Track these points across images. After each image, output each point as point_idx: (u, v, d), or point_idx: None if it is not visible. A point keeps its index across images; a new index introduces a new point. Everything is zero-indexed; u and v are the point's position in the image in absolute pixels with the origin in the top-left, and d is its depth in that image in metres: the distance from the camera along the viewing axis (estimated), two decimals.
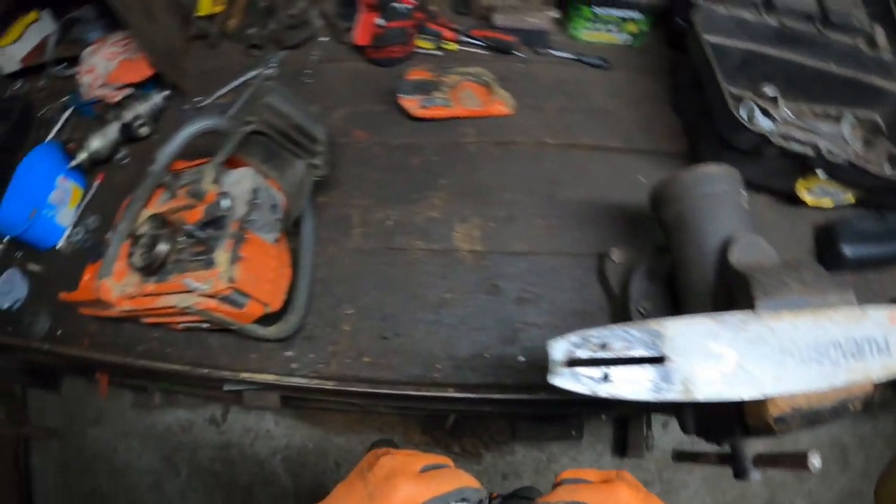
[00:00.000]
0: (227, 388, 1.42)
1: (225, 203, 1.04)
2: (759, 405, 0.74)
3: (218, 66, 1.63)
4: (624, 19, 1.54)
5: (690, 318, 0.70)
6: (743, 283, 0.82)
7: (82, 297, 1.23)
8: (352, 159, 1.39)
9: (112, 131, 1.52)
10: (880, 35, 1.53)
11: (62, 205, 1.45)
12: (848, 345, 0.71)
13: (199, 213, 1.06)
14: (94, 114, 1.66)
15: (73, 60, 1.77)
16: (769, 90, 1.44)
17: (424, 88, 1.41)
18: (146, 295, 1.08)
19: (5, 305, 1.37)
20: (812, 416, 0.76)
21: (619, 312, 1.20)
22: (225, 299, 1.03)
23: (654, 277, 1.15)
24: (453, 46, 1.55)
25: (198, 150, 1.14)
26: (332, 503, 0.64)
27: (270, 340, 1.16)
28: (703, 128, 1.37)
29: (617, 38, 1.59)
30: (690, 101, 1.45)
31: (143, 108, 1.55)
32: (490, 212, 1.33)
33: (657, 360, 0.67)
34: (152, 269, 1.06)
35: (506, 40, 1.52)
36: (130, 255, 1.08)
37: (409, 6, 1.49)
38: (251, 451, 2.17)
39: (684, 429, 1.01)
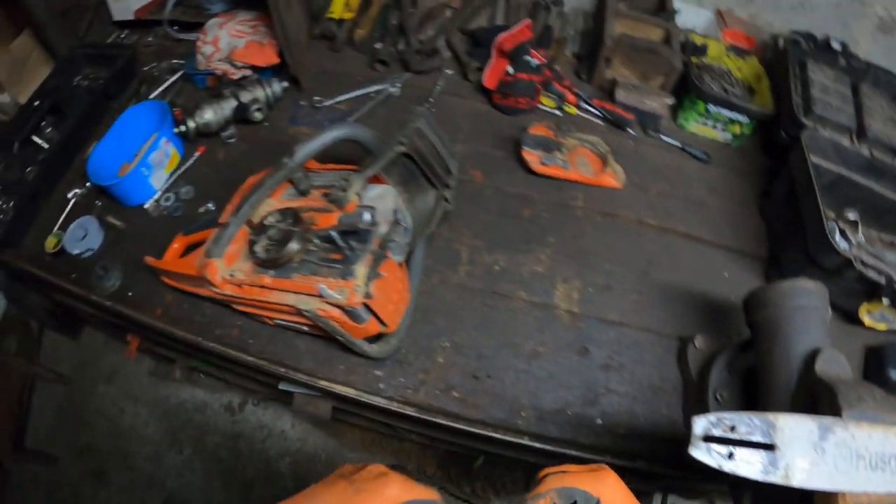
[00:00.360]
0: (282, 386, 1.43)
1: (367, 217, 1.03)
2: (831, 497, 0.81)
3: (339, 71, 1.66)
4: (732, 120, 1.63)
5: (798, 416, 0.78)
6: (829, 392, 0.90)
7: (172, 268, 1.23)
8: (467, 197, 1.43)
9: (227, 107, 1.52)
10: None
11: (159, 167, 1.45)
12: None
13: (333, 220, 1.06)
14: (206, 85, 1.67)
15: (187, 25, 1.79)
16: (851, 214, 1.52)
17: (546, 146, 1.46)
18: (260, 286, 1.08)
19: (75, 251, 1.35)
20: None
21: (694, 396, 1.26)
22: (351, 312, 1.03)
23: (732, 369, 1.21)
24: (573, 110, 1.62)
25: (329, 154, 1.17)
26: (312, 497, 0.67)
27: (371, 358, 1.17)
28: (790, 239, 1.45)
29: (720, 135, 1.68)
30: (780, 210, 1.54)
31: (261, 93, 1.56)
32: (590, 277, 1.38)
33: (769, 447, 0.76)
34: (276, 263, 1.05)
35: (624, 116, 1.59)
36: (252, 243, 1.08)
37: (540, 63, 1.54)
38: (261, 446, 2.14)
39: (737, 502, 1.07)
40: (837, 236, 1.51)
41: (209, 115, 1.50)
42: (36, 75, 1.75)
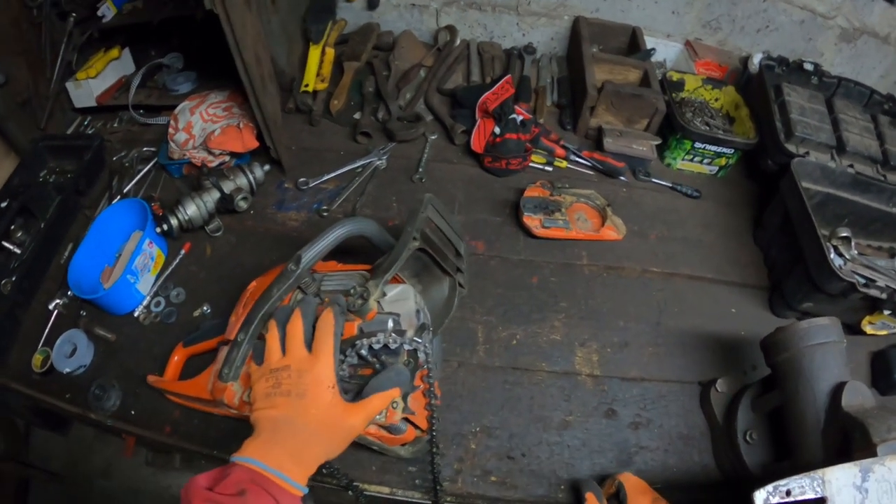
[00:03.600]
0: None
1: (390, 325, 0.98)
2: None
3: (320, 146, 1.65)
4: (718, 154, 1.66)
5: (842, 466, 0.86)
6: (860, 427, 0.97)
7: (180, 390, 1.20)
8: (473, 271, 1.43)
9: (209, 200, 1.49)
10: None
11: (145, 271, 1.41)
12: None
13: (353, 329, 1.01)
14: (182, 174, 1.63)
15: (153, 108, 1.75)
16: (843, 231, 1.57)
17: (546, 207, 1.48)
18: None
19: (66, 369, 1.29)
20: None
21: (724, 439, 1.29)
22: (389, 428, 1.01)
23: (757, 409, 1.25)
24: (563, 164, 1.64)
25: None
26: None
27: (406, 459, 1.16)
28: (790, 266, 1.49)
29: (706, 169, 1.73)
30: (776, 239, 1.58)
31: (244, 180, 1.52)
32: (606, 337, 1.40)
33: (821, 501, 0.84)
34: None
35: (615, 165, 1.61)
36: None
37: (526, 119, 1.55)
38: None
39: None
40: (832, 255, 1.55)
41: (192, 209, 1.46)
42: None
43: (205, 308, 1.40)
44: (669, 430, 1.31)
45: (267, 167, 1.57)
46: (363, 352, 0.96)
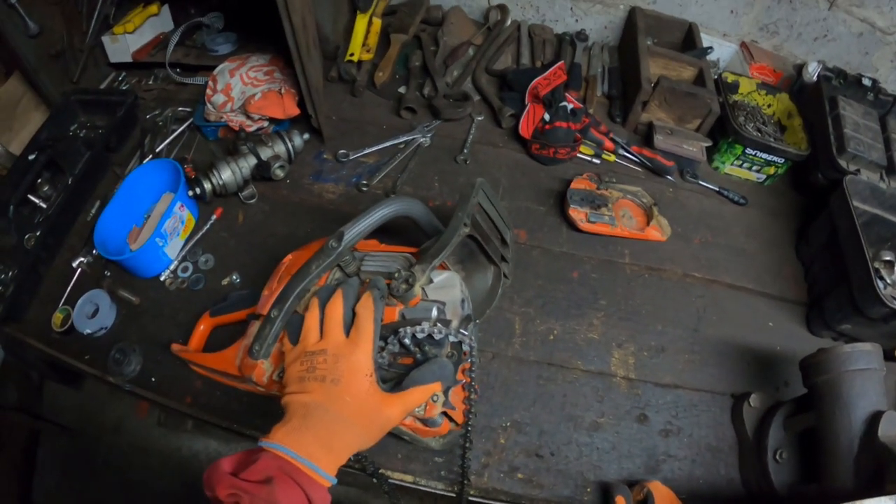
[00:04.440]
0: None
1: (434, 313, 0.93)
2: None
3: (362, 119, 1.61)
4: (768, 162, 1.62)
5: (879, 499, 0.87)
6: (895, 459, 0.95)
7: (205, 362, 1.17)
8: (514, 260, 1.38)
9: (245, 166, 1.44)
10: None
11: (174, 234, 1.38)
12: None
13: (394, 314, 0.95)
14: (217, 137, 1.58)
15: (191, 68, 1.70)
16: (888, 255, 1.54)
17: (592, 201, 1.44)
18: None
19: (87, 330, 1.26)
20: None
21: (753, 456, 1.27)
22: (425, 420, 0.98)
23: (789, 428, 1.22)
24: (611, 157, 1.60)
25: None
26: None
27: (434, 450, 1.14)
28: (832, 285, 1.46)
29: (754, 176, 1.69)
30: (820, 255, 1.55)
31: (282, 148, 1.48)
32: (644, 340, 1.37)
33: None
34: None
35: (665, 164, 1.57)
36: None
37: (577, 108, 1.51)
38: None
39: None
40: (875, 278, 1.52)
41: (227, 174, 1.42)
42: (27, 122, 1.66)
43: (234, 277, 1.37)
44: (699, 441, 1.29)
45: (306, 136, 1.53)
46: (406, 340, 0.91)
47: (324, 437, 0.79)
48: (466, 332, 0.95)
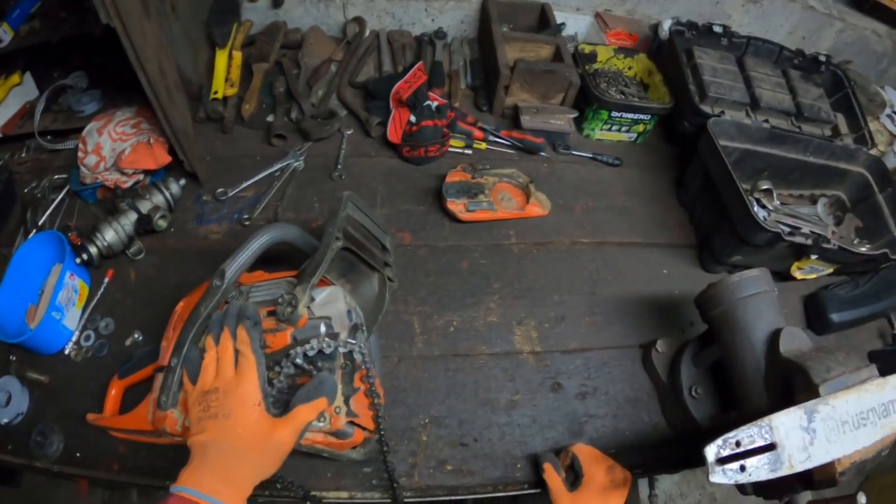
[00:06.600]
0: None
1: (322, 329, 0.97)
2: (828, 466, 0.92)
3: (235, 154, 1.62)
4: (635, 121, 1.70)
5: (787, 411, 0.89)
6: (801, 371, 1.00)
7: (120, 424, 1.17)
8: (402, 263, 1.44)
9: (127, 222, 1.44)
10: (842, 123, 1.82)
11: (70, 305, 1.36)
12: (880, 408, 0.94)
13: (286, 338, 0.99)
14: (97, 199, 1.57)
15: (60, 133, 1.68)
16: (764, 183, 1.63)
17: (468, 191, 1.49)
18: None
19: (3, 420, 1.23)
20: (861, 466, 0.96)
21: (669, 397, 1.33)
22: (335, 433, 1.01)
23: (699, 364, 1.29)
24: (482, 146, 1.65)
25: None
26: None
27: (359, 461, 1.16)
28: (715, 223, 1.54)
29: (625, 136, 1.77)
30: (699, 198, 1.63)
31: (160, 198, 1.48)
32: (543, 313, 1.43)
33: (770, 447, 0.85)
34: None
35: (535, 142, 1.63)
36: None
37: (441, 105, 1.56)
38: None
39: (743, 491, 1.13)
40: (756, 208, 1.60)
41: (110, 235, 1.41)
42: None
43: (136, 335, 1.36)
44: (616, 396, 1.36)
45: (183, 181, 1.53)
46: (298, 360, 0.95)
47: (222, 472, 0.81)
48: (354, 341, 1.00)
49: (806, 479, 0.97)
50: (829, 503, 0.99)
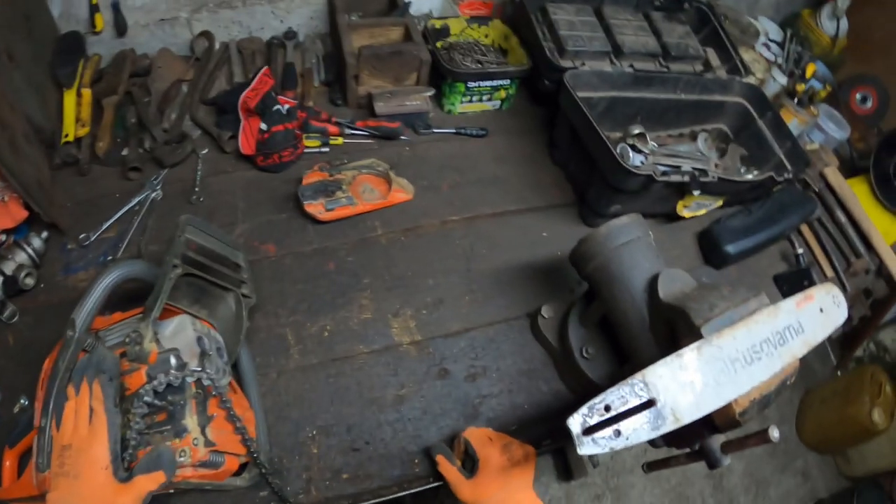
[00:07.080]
0: None
1: (173, 361, 0.96)
2: (725, 409, 0.88)
3: (93, 195, 1.57)
4: (495, 88, 1.68)
5: (662, 362, 0.80)
6: (681, 314, 0.98)
7: (15, 495, 1.11)
8: (267, 276, 1.42)
9: None
10: (713, 57, 1.82)
11: None
12: (775, 337, 0.88)
13: (142, 377, 0.99)
14: None
15: None
16: (635, 128, 1.63)
17: (326, 190, 1.46)
18: None
19: None
20: (764, 402, 0.93)
21: (563, 362, 1.33)
22: (203, 464, 1.00)
23: (587, 323, 1.29)
24: (339, 141, 1.63)
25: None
26: None
27: (244, 488, 1.14)
28: (588, 177, 1.53)
29: (488, 105, 1.75)
30: (569, 154, 1.62)
31: (23, 255, 1.44)
32: (418, 300, 1.42)
33: (649, 403, 0.77)
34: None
35: (391, 127, 1.61)
36: None
37: (291, 106, 1.53)
38: None
39: (653, 444, 1.13)
40: (631, 154, 1.60)
41: None
42: None
43: (23, 400, 1.32)
44: (508, 371, 1.36)
45: (45, 234, 1.49)
46: (147, 399, 0.95)
47: None
48: (200, 369, 1.00)
49: (710, 425, 0.95)
50: (744, 441, 0.96)
